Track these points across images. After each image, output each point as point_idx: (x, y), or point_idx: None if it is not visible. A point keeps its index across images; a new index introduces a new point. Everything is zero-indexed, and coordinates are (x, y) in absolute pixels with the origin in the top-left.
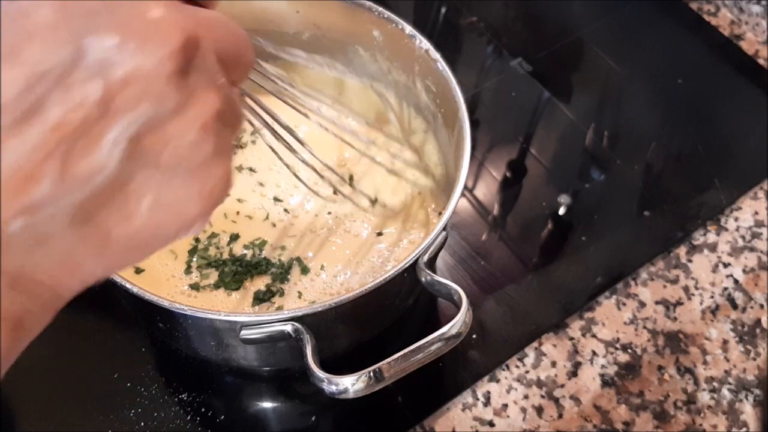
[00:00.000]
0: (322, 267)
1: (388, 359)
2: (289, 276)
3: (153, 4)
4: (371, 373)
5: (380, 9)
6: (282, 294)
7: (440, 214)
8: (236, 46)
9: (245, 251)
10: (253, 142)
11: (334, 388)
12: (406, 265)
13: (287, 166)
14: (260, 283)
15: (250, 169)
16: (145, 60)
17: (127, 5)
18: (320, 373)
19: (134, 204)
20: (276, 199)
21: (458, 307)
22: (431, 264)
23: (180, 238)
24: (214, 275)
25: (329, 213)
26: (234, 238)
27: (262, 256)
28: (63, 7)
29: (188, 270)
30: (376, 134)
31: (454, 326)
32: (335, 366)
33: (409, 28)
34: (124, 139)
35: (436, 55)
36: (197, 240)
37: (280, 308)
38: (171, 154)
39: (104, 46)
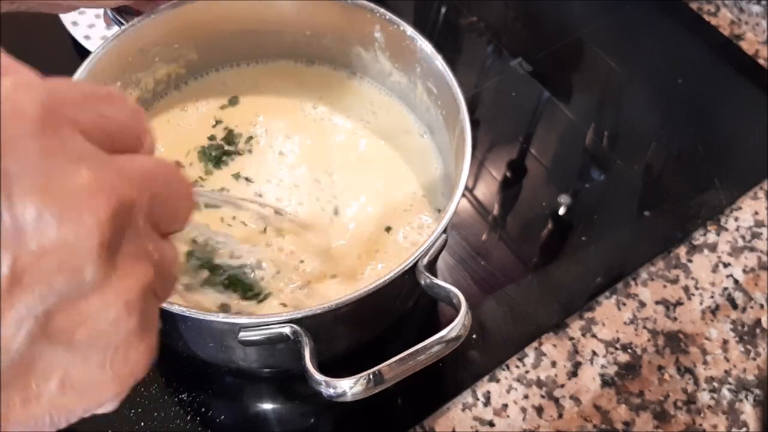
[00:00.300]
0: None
1: (386, 362)
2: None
3: (82, 165)
4: (369, 377)
5: (381, 10)
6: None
7: (440, 211)
8: (176, 199)
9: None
10: (250, 151)
11: (332, 391)
12: (405, 268)
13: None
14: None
15: (247, 179)
16: (67, 231)
17: (51, 166)
18: (318, 376)
19: (38, 386)
20: (277, 213)
21: (457, 311)
22: (431, 266)
23: (85, 416)
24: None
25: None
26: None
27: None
28: None
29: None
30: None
31: (453, 329)
32: (335, 367)
33: (410, 30)
34: (32, 316)
35: (437, 57)
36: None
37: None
38: (86, 333)
39: (19, 213)
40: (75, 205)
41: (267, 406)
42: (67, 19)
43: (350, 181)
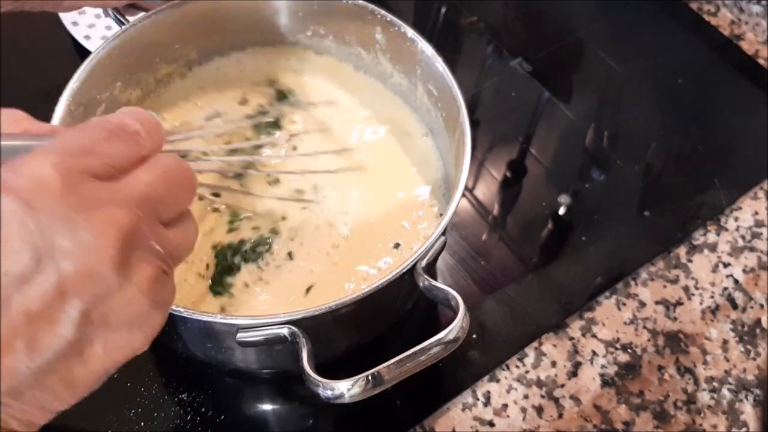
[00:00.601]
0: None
1: (384, 364)
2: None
3: (97, 210)
4: (367, 378)
5: (382, 12)
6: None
7: (441, 215)
8: (177, 192)
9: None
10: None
11: (329, 392)
12: (404, 270)
13: None
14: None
15: (276, 180)
16: (92, 260)
17: (75, 218)
18: (315, 378)
19: (89, 352)
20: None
21: (455, 313)
22: (430, 268)
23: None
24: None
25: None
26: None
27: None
28: (26, 223)
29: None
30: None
31: (452, 332)
32: (334, 368)
33: (411, 32)
34: (77, 315)
35: (438, 59)
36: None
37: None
38: (116, 316)
39: (58, 252)
40: (95, 241)
41: (267, 406)
42: (67, 19)
43: (350, 182)
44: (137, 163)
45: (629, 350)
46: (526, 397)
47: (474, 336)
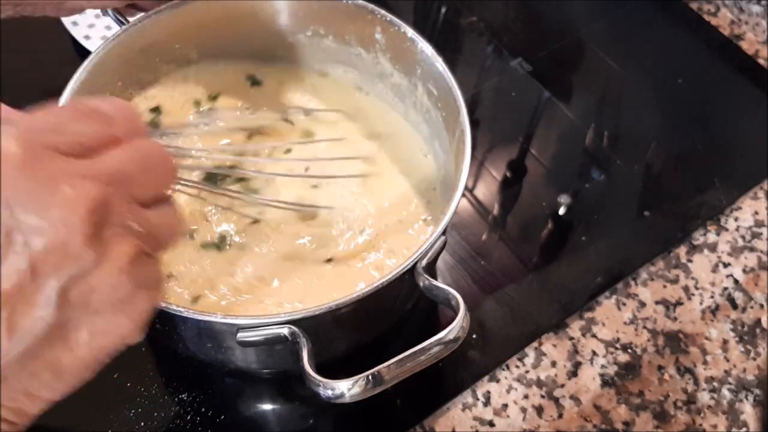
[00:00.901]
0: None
1: (385, 364)
2: None
3: (61, 182)
4: (368, 378)
5: (382, 11)
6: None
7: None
8: (153, 174)
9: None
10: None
11: (330, 392)
12: (404, 270)
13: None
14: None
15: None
16: (58, 233)
17: (37, 189)
18: (316, 377)
19: (74, 337)
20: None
21: (456, 313)
22: (430, 268)
23: (119, 349)
24: None
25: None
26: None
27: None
28: None
29: None
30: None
31: (452, 331)
32: (335, 368)
33: (411, 32)
34: (54, 294)
35: (438, 59)
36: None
37: None
38: (97, 297)
39: (23, 227)
40: (60, 213)
41: (267, 406)
42: (67, 19)
43: (349, 184)
44: (110, 145)
45: (629, 350)
46: (526, 397)
47: (474, 336)
